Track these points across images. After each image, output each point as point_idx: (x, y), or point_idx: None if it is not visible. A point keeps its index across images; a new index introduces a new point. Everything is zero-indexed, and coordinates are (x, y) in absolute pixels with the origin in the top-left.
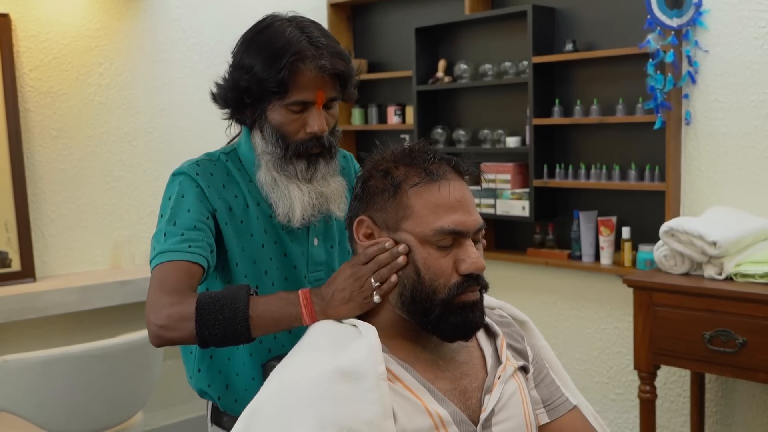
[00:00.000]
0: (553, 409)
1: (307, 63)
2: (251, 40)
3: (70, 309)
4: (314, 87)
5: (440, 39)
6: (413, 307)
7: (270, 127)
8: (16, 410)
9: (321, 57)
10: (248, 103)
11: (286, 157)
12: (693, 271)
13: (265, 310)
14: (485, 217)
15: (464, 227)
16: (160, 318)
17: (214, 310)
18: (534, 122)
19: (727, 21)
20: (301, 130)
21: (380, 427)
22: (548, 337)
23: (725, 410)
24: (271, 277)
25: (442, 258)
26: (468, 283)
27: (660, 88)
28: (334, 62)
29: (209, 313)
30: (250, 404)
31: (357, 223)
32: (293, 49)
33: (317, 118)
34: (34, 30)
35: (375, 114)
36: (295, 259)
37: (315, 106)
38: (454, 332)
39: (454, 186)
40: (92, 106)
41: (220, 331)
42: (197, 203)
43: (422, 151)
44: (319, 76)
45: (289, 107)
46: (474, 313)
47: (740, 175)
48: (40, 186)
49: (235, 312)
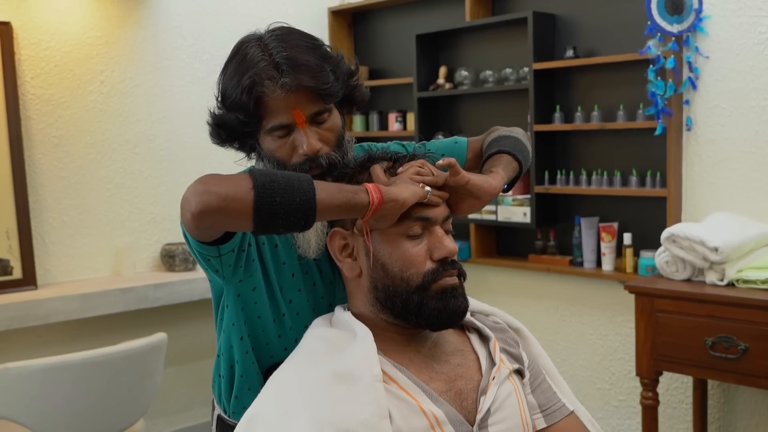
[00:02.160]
0: (550, 414)
1: (267, 86)
2: (224, 69)
3: (71, 316)
4: (287, 108)
5: (441, 45)
6: (391, 304)
7: (266, 156)
8: (17, 418)
9: (282, 75)
10: (238, 137)
11: None
12: (695, 277)
13: (330, 188)
14: (486, 223)
15: (431, 214)
16: (205, 185)
17: (274, 173)
18: (535, 128)
19: (728, 27)
20: (293, 153)
21: (376, 427)
22: (550, 343)
23: (728, 417)
24: (296, 307)
25: (414, 247)
26: (443, 268)
27: (661, 94)
28: (298, 78)
29: (268, 174)
30: (247, 411)
31: (330, 238)
32: (250, 75)
33: (304, 138)
34: (35, 38)
35: (376, 121)
36: (321, 289)
37: (297, 126)
38: (439, 318)
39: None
40: (93, 114)
41: (282, 180)
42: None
43: (381, 155)
44: (288, 94)
45: (273, 134)
46: (455, 298)
47: (741, 181)
48: (42, 193)
49: (299, 179)
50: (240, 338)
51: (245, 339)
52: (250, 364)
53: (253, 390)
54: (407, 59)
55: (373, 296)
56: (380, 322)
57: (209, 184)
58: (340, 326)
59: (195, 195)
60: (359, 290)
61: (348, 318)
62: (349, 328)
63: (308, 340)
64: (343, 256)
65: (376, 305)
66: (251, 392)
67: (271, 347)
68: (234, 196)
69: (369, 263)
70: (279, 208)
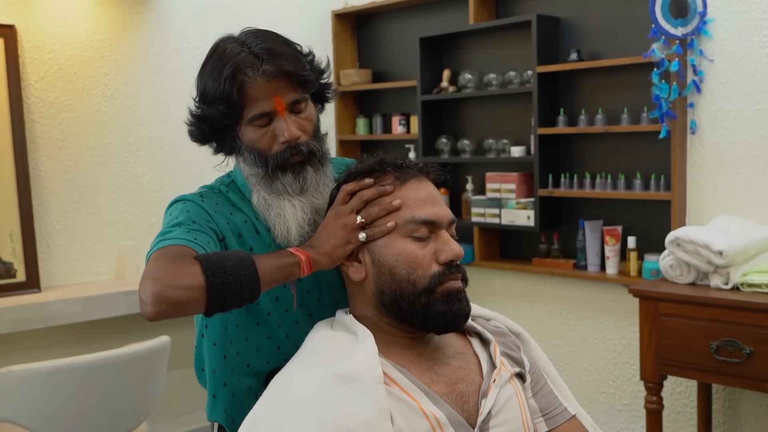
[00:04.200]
0: (552, 418)
1: (249, 73)
2: (201, 69)
3: (74, 319)
4: (268, 95)
5: (445, 49)
6: (397, 307)
7: (246, 148)
8: (20, 421)
9: (263, 62)
10: (219, 132)
11: (268, 174)
12: (699, 281)
13: (267, 260)
14: (490, 226)
15: (437, 217)
16: (160, 280)
17: (221, 260)
18: (539, 131)
19: (732, 30)
20: (273, 142)
21: (378, 429)
22: (553, 347)
23: (732, 421)
24: (283, 304)
25: (420, 250)
26: (449, 271)
27: (665, 98)
28: (278, 63)
29: (216, 264)
30: (249, 414)
31: None
32: (232, 64)
33: (285, 125)
34: (39, 41)
35: (380, 124)
36: (307, 283)
37: (278, 114)
38: (443, 321)
39: (423, 183)
40: (97, 117)
41: (232, 278)
42: (204, 222)
43: (392, 159)
44: (268, 82)
45: (254, 123)
46: (459, 302)
47: (746, 184)
48: (45, 196)
49: (242, 261)
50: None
51: (218, 345)
52: (228, 372)
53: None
54: (411, 62)
55: (378, 300)
56: (382, 325)
57: (165, 290)
58: (342, 328)
59: (151, 299)
60: (362, 293)
61: (349, 321)
62: (351, 331)
63: (310, 343)
64: (349, 260)
65: (380, 309)
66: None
67: (262, 353)
68: (188, 301)
69: (375, 269)
70: (229, 303)
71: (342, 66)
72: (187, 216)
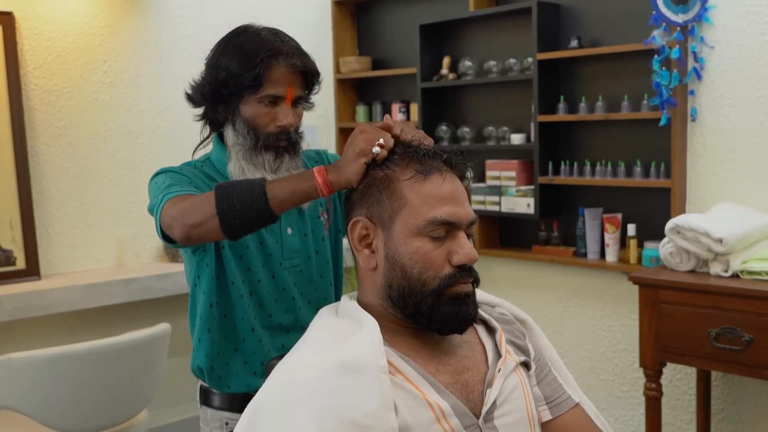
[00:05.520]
0: (556, 406)
1: (280, 60)
2: (227, 43)
3: (74, 307)
4: (285, 83)
5: (445, 36)
6: (403, 304)
7: (242, 120)
8: (20, 408)
9: (292, 56)
10: (224, 98)
11: (256, 148)
12: (699, 268)
13: (281, 184)
14: (490, 214)
15: (457, 219)
16: (180, 209)
17: (231, 186)
18: (539, 119)
19: (733, 17)
20: (271, 123)
21: (382, 419)
22: (553, 334)
23: (731, 408)
24: (246, 263)
25: (435, 250)
26: (461, 275)
27: (665, 85)
28: (305, 61)
29: (226, 189)
30: (252, 401)
31: (351, 226)
32: (267, 47)
33: (287, 113)
34: (38, 28)
35: (379, 111)
36: (270, 247)
37: (285, 101)
38: (448, 324)
39: (447, 179)
40: (96, 104)
41: (238, 202)
42: (188, 184)
43: (416, 146)
44: (290, 72)
45: (262, 101)
46: (467, 306)
47: (746, 172)
48: (45, 184)
49: (250, 184)
50: (210, 305)
51: (215, 306)
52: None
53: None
54: (411, 49)
55: (386, 293)
56: (388, 315)
57: (185, 214)
58: (347, 316)
59: (176, 225)
60: (371, 281)
61: (354, 308)
62: (356, 318)
63: (314, 330)
64: (362, 245)
65: (387, 301)
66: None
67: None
68: (203, 222)
69: (387, 264)
70: (238, 224)
71: (341, 53)
72: (175, 180)
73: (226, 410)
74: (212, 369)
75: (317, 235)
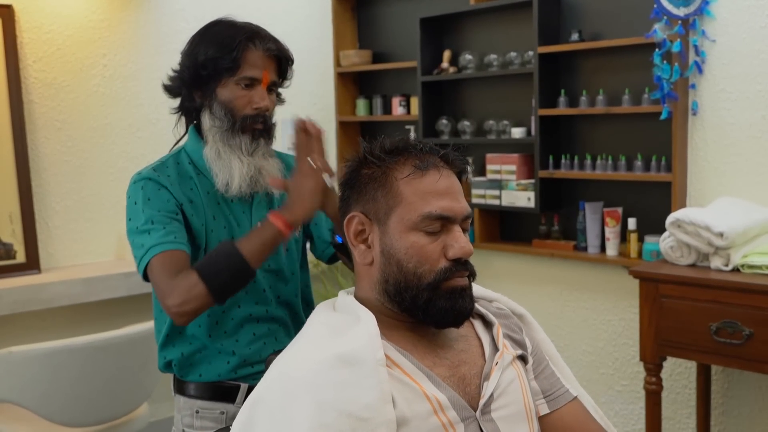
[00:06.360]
0: (553, 399)
1: (257, 43)
2: (204, 34)
3: (74, 300)
4: (262, 66)
5: (445, 29)
6: (400, 298)
7: (219, 103)
8: (21, 402)
9: (268, 41)
10: (201, 81)
11: (233, 129)
12: (699, 263)
13: (251, 243)
14: (490, 208)
15: (452, 213)
16: (175, 298)
17: (213, 263)
18: (539, 113)
19: (735, 10)
20: (247, 106)
21: (379, 411)
22: (553, 328)
23: (731, 402)
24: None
25: (430, 244)
26: (456, 268)
27: (666, 78)
28: (279, 47)
29: (210, 268)
30: (251, 395)
31: (347, 221)
32: (244, 32)
33: (264, 95)
34: (37, 21)
35: (380, 105)
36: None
37: (261, 84)
38: (444, 317)
39: (443, 174)
40: (96, 98)
41: (227, 277)
42: (165, 202)
43: (412, 143)
44: (266, 56)
45: (239, 83)
46: (463, 299)
47: (747, 166)
48: (45, 178)
49: (229, 256)
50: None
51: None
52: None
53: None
54: (411, 43)
55: (383, 288)
56: (385, 309)
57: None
58: (344, 311)
59: (176, 317)
60: (368, 276)
61: (351, 302)
62: (353, 313)
63: (311, 325)
64: (358, 241)
65: (384, 296)
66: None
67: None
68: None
69: (383, 259)
70: (231, 293)
71: (342, 47)
72: (150, 205)
73: (198, 398)
74: (183, 357)
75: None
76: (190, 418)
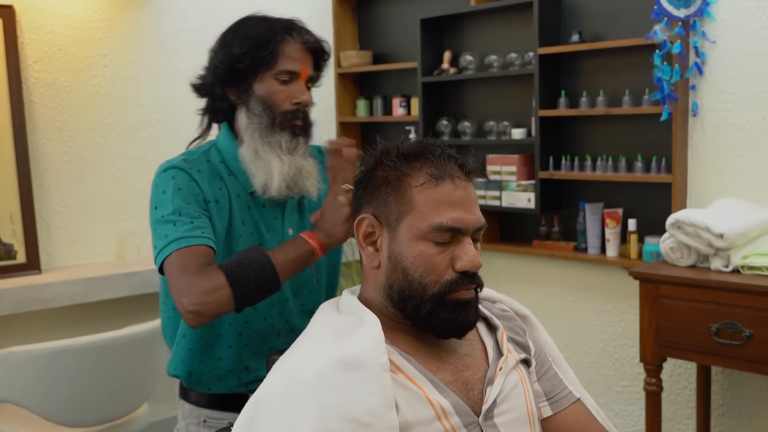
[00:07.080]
0: (556, 401)
1: (294, 35)
2: (239, 26)
3: (75, 301)
4: (300, 59)
5: (445, 30)
6: (403, 305)
7: (256, 99)
8: (21, 402)
9: (306, 33)
10: (237, 77)
11: (273, 126)
12: (699, 264)
13: (284, 256)
14: (491, 209)
15: (463, 225)
16: (194, 298)
17: (244, 270)
18: (540, 114)
19: (735, 11)
20: (286, 101)
21: (382, 417)
22: (554, 329)
23: (731, 403)
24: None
25: (438, 254)
26: (463, 281)
27: (667, 80)
28: (317, 41)
29: (240, 274)
30: (253, 396)
31: (358, 222)
32: (280, 24)
33: (303, 90)
34: (38, 22)
35: (380, 105)
36: (270, 248)
37: (300, 78)
38: (446, 329)
39: (459, 185)
40: (97, 98)
41: (255, 286)
42: (194, 195)
43: (431, 148)
44: (304, 49)
45: (278, 77)
46: (467, 312)
47: (747, 167)
48: (45, 178)
49: (262, 265)
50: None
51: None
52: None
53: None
54: (411, 44)
55: (387, 293)
56: (389, 312)
57: (201, 307)
58: (348, 312)
59: (191, 316)
60: (374, 279)
61: (355, 304)
62: (357, 315)
63: (315, 327)
64: (366, 243)
65: (388, 300)
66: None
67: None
68: (222, 311)
69: (390, 264)
70: (255, 303)
71: (342, 47)
72: (180, 195)
73: (205, 407)
74: (190, 374)
75: None
76: (197, 426)
